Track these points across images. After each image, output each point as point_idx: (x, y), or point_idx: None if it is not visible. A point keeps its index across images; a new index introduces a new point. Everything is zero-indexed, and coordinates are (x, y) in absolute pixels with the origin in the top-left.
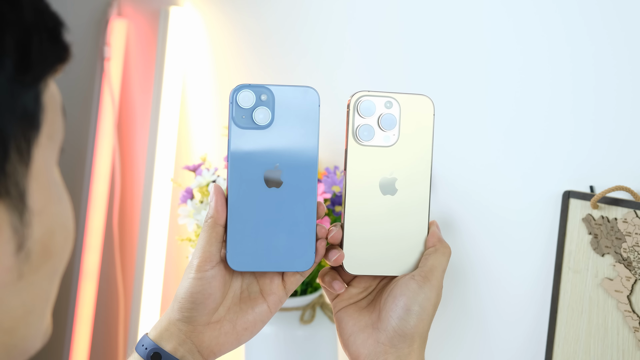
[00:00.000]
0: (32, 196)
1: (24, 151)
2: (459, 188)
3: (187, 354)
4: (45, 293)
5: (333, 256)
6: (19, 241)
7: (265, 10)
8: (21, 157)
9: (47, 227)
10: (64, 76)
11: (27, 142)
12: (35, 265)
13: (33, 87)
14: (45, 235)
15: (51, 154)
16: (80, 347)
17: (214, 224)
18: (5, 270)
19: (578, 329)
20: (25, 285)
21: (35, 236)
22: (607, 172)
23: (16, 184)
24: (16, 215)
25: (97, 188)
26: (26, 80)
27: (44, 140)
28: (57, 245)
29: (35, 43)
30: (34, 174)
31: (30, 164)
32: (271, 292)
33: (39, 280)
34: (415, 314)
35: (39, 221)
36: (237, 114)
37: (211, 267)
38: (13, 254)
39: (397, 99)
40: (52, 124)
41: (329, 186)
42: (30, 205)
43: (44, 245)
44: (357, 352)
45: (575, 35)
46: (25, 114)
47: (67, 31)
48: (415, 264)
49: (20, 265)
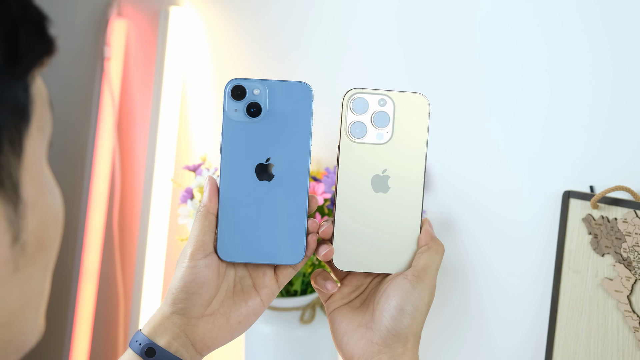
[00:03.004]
0: (25, 188)
1: (16, 143)
2: (459, 188)
3: (181, 347)
4: (39, 286)
5: (323, 251)
6: (14, 233)
7: (266, 11)
8: (13, 149)
9: (41, 219)
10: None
11: (18, 134)
12: (31, 257)
13: (22, 79)
14: (39, 227)
15: (41, 147)
16: (80, 347)
17: (206, 213)
18: (2, 263)
19: (578, 329)
20: (21, 278)
21: (29, 228)
22: (607, 172)
23: (9, 175)
24: (11, 207)
25: (97, 188)
26: (15, 72)
27: (35, 132)
28: (50, 237)
29: (22, 36)
30: (26, 166)
31: (22, 156)
32: (264, 285)
33: (34, 272)
34: (408, 314)
35: (32, 213)
36: (230, 107)
37: (204, 256)
38: (9, 246)
39: (391, 97)
40: (41, 117)
41: (329, 186)
42: (24, 196)
43: (38, 237)
44: (350, 352)
45: (574, 35)
46: (16, 105)
47: (51, 25)
48: (407, 262)
49: (16, 258)
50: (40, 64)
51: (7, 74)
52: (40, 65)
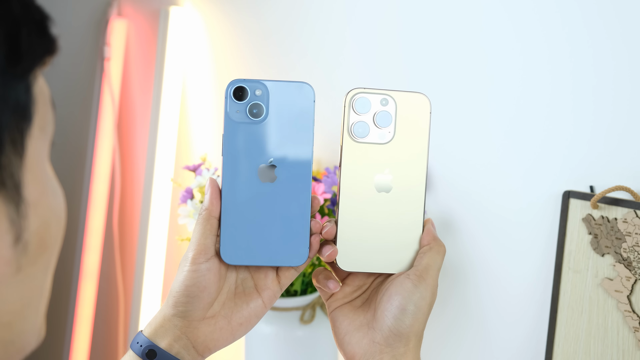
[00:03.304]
0: (27, 188)
1: (18, 143)
2: (459, 188)
3: (182, 350)
4: (40, 286)
5: (326, 252)
6: (16, 233)
7: (265, 10)
8: (15, 149)
9: (43, 218)
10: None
11: (20, 134)
12: (33, 257)
13: (24, 79)
14: (41, 227)
15: (43, 146)
16: (80, 347)
17: (208, 216)
18: (5, 263)
19: (578, 329)
20: (23, 278)
21: (31, 228)
22: (607, 172)
23: (11, 175)
24: (12, 206)
25: (97, 188)
26: (17, 72)
27: (36, 132)
28: (52, 237)
29: (24, 35)
30: (28, 166)
31: (24, 156)
32: (266, 287)
33: (36, 272)
34: (410, 314)
35: (34, 213)
36: (231, 108)
37: (206, 260)
38: (11, 246)
39: (393, 97)
40: (43, 116)
41: (329, 186)
42: (26, 196)
43: (40, 237)
44: (352, 352)
45: (575, 35)
46: (18, 105)
47: (53, 25)
48: (410, 262)
49: (18, 258)
50: (42, 63)
51: (8, 73)
52: (42, 64)
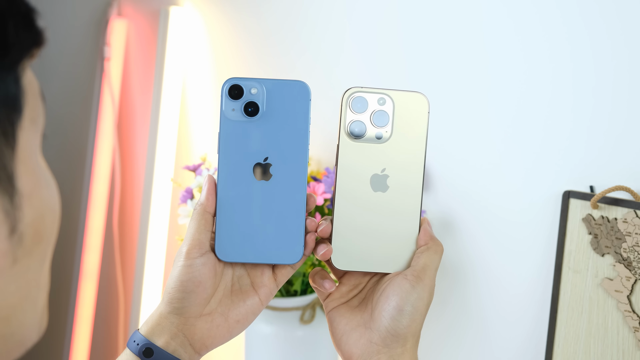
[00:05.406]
0: (20, 179)
1: (9, 134)
2: (459, 188)
3: (179, 347)
4: (37, 279)
5: (321, 250)
6: (11, 224)
7: (265, 10)
8: (7, 141)
9: (37, 210)
10: (64, 76)
11: (11, 126)
12: (28, 249)
13: (12, 71)
14: (36, 218)
15: (35, 138)
16: (80, 347)
17: (202, 211)
18: (1, 255)
19: (578, 329)
20: (20, 270)
21: (26, 219)
22: (607, 172)
23: (4, 167)
24: (6, 198)
25: (97, 188)
26: (5, 63)
27: (27, 123)
28: (47, 228)
29: (10, 27)
30: (20, 158)
31: (16, 148)
32: (262, 284)
33: (32, 264)
34: (408, 314)
35: (29, 204)
36: (227, 106)
37: (200, 254)
38: (6, 238)
39: (390, 96)
40: (33, 108)
41: (329, 186)
42: (19, 188)
43: (35, 229)
44: (349, 352)
45: (575, 35)
46: (7, 97)
47: (39, 17)
48: (406, 261)
49: (14, 249)
50: (30, 55)
51: None
52: (29, 56)
